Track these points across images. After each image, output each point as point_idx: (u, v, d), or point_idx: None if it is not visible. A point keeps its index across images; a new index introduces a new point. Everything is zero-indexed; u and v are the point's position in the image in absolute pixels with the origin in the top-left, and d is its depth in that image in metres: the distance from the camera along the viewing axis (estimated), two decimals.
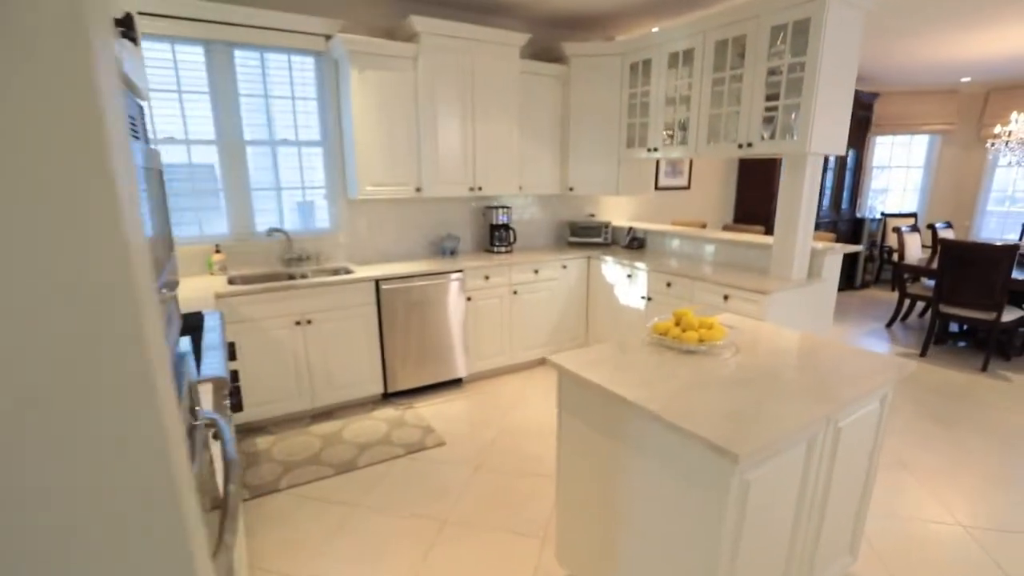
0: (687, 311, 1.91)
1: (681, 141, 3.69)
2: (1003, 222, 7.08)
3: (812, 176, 3.06)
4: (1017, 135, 4.87)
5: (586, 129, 4.24)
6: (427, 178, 3.72)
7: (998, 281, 4.13)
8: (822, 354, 1.80)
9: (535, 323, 4.15)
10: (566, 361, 1.76)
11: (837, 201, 6.66)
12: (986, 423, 3.36)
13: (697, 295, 3.40)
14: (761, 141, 3.12)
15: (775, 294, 2.99)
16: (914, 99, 6.99)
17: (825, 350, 1.84)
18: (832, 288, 3.41)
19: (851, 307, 6.27)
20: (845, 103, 3.01)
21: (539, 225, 4.73)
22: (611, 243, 4.70)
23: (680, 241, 4.21)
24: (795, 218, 3.10)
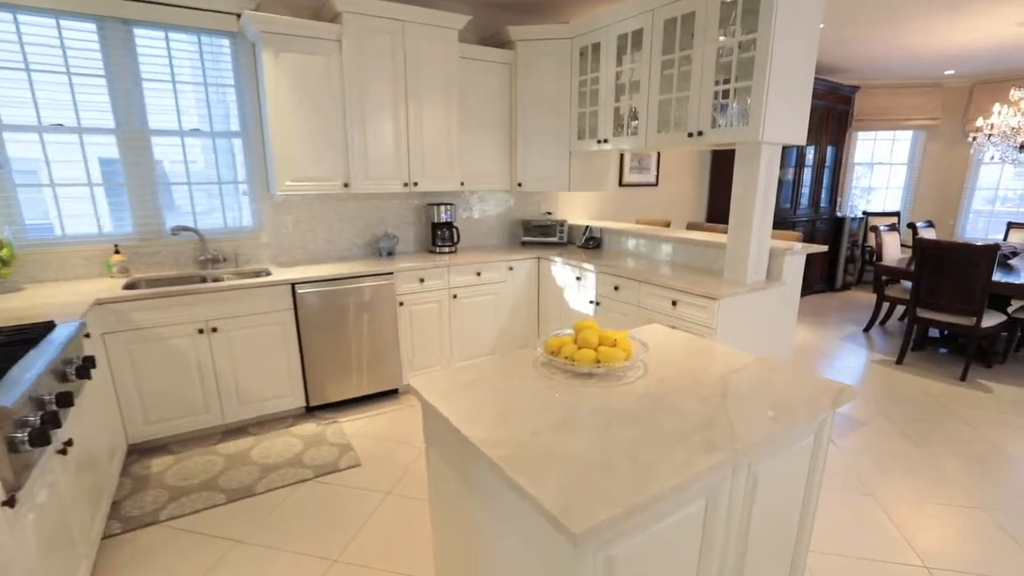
0: (589, 324, 1.60)
1: (632, 131, 3.38)
2: (989, 222, 6.80)
3: (768, 168, 2.76)
4: (1000, 128, 4.59)
5: (535, 120, 3.93)
6: (356, 173, 3.40)
7: (977, 284, 3.83)
8: (747, 378, 1.49)
9: (479, 329, 3.84)
10: (428, 385, 1.44)
11: (816, 199, 6.37)
12: (962, 441, 3.07)
13: (644, 299, 3.10)
14: (712, 129, 2.82)
15: (727, 299, 2.69)
16: (896, 93, 6.71)
17: (752, 372, 1.53)
18: (794, 292, 3.11)
19: (831, 309, 5.98)
20: (804, 88, 2.71)
21: (490, 224, 4.42)
22: (567, 243, 4.40)
23: (637, 241, 3.90)
24: (749, 216, 2.80)
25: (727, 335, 2.78)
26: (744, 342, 2.89)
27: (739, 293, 2.73)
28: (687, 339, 1.84)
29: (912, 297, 4.21)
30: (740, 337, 2.85)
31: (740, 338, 2.85)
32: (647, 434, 1.16)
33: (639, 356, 1.58)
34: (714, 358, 1.64)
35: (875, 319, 5.16)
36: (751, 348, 2.95)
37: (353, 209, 3.82)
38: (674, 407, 1.30)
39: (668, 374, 1.52)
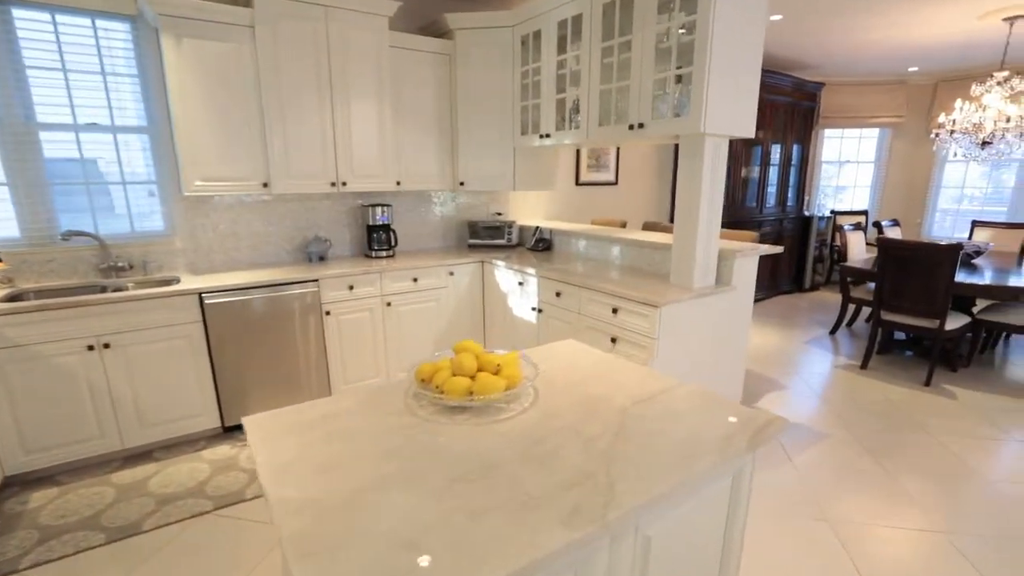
0: (468, 346, 1.35)
1: (573, 125, 3.14)
2: (956, 221, 6.72)
3: (713, 163, 2.54)
4: (962, 125, 4.46)
5: (477, 115, 3.67)
6: (276, 172, 3.11)
7: (940, 285, 3.67)
8: (654, 411, 1.25)
9: (418, 338, 3.57)
10: (266, 423, 1.18)
11: (783, 198, 6.22)
12: (925, 455, 2.88)
13: (586, 307, 2.86)
14: (654, 121, 2.59)
15: (669, 306, 2.46)
16: (862, 90, 6.60)
17: (662, 403, 1.29)
18: (747, 296, 2.89)
19: (799, 311, 5.82)
20: (750, 77, 2.49)
21: (435, 226, 4.15)
22: (516, 245, 4.15)
23: (587, 242, 3.67)
24: (694, 215, 2.57)
25: (671, 345, 2.55)
26: (691, 352, 2.67)
27: (683, 299, 2.50)
28: (599, 360, 1.59)
29: (876, 299, 4.04)
30: (686, 347, 2.63)
31: (686, 348, 2.63)
32: (498, 495, 0.91)
33: (528, 384, 1.33)
34: (623, 384, 1.40)
35: (841, 321, 5.00)
36: (698, 358, 2.72)
37: (281, 211, 3.52)
38: (549, 454, 1.04)
39: (561, 405, 1.27)
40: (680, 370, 2.65)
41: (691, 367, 2.70)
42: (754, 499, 2.46)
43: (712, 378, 2.85)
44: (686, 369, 2.68)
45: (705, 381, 2.81)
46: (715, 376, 2.86)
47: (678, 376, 2.65)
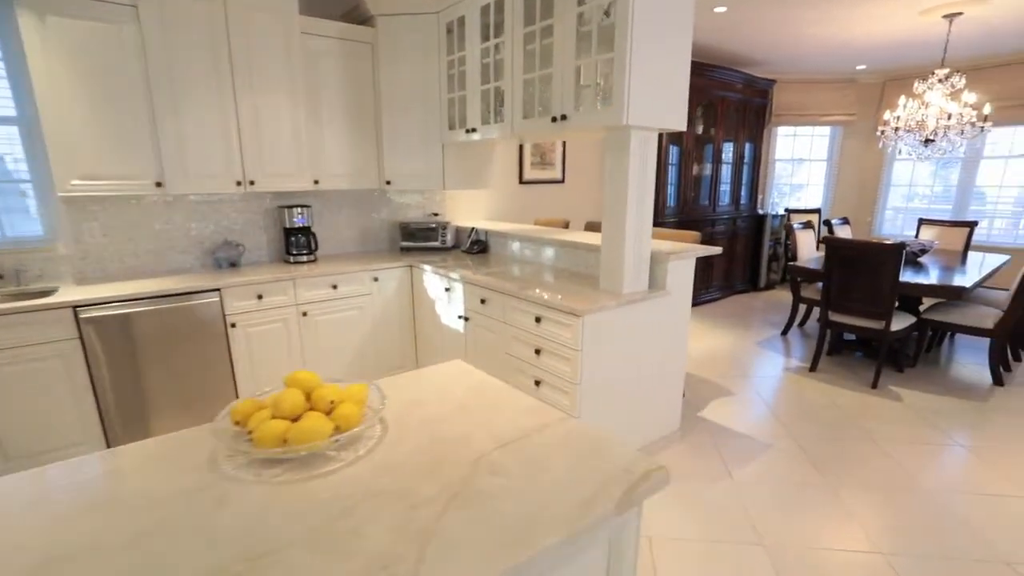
0: (303, 377, 1.10)
1: (499, 118, 2.91)
2: (905, 219, 6.74)
3: (642, 159, 2.34)
4: (906, 122, 4.40)
5: (403, 109, 3.41)
6: (171, 170, 2.80)
7: (885, 285, 3.57)
8: (513, 459, 1.01)
9: (340, 350, 3.29)
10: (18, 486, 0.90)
11: (737, 196, 6.12)
12: (869, 465, 2.74)
13: (510, 315, 2.63)
14: (576, 112, 2.37)
15: (593, 315, 2.24)
16: (813, 88, 6.56)
17: (528, 448, 1.06)
18: (683, 301, 2.71)
19: (753, 310, 5.73)
20: (679, 65, 2.30)
21: (365, 228, 3.87)
22: (452, 247, 3.90)
23: (521, 244, 3.44)
24: (622, 215, 2.37)
25: (598, 357, 2.34)
26: (620, 363, 2.46)
27: (609, 307, 2.29)
28: (479, 387, 1.35)
29: (823, 299, 3.93)
30: (615, 358, 2.42)
31: (615, 359, 2.42)
32: None
33: (371, 425, 1.09)
34: (492, 421, 1.16)
35: (792, 322, 4.91)
36: (629, 369, 2.52)
37: (185, 213, 3.20)
38: (352, 531, 0.80)
39: (404, 453, 1.03)
40: (609, 383, 2.44)
41: (621, 379, 2.50)
42: (688, 521, 2.28)
43: (647, 390, 2.66)
44: (615, 382, 2.47)
45: (639, 393, 2.62)
46: (650, 388, 2.67)
47: (608, 390, 2.44)
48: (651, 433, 2.77)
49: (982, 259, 4.60)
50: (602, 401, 2.43)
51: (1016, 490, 2.52)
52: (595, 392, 2.39)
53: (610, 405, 2.48)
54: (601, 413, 2.45)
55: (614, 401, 2.50)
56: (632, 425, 2.64)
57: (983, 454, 2.83)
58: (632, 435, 2.66)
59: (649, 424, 2.74)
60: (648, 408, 2.70)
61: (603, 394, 2.43)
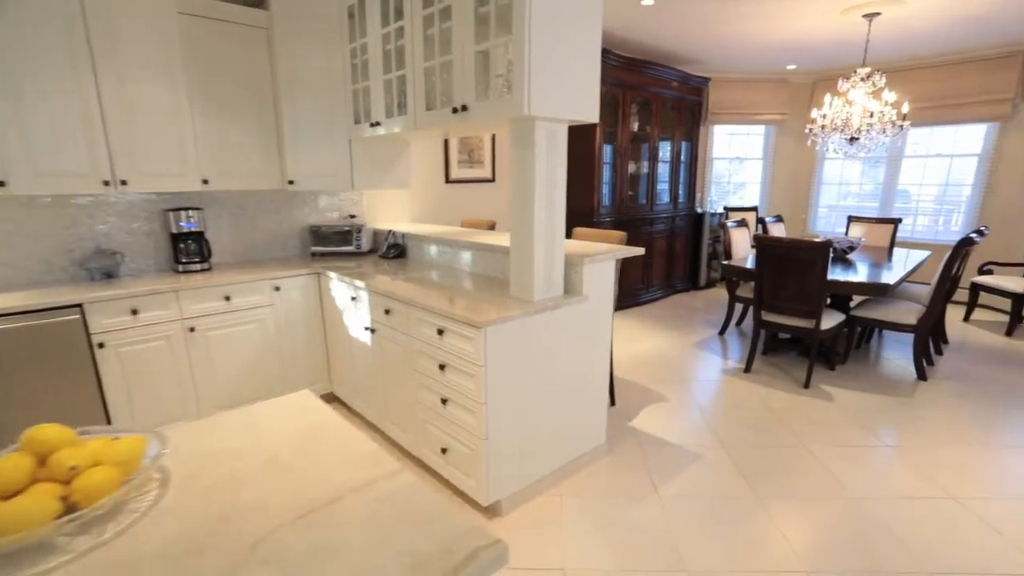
0: (49, 432, 0.83)
1: (402, 110, 2.66)
2: (838, 216, 6.88)
3: (550, 153, 2.14)
4: (832, 120, 4.41)
5: (304, 101, 3.11)
6: (14, 166, 2.40)
7: (814, 283, 3.52)
8: (314, 530, 0.77)
9: (239, 368, 2.95)
10: None
11: (675, 195, 6.07)
12: (798, 474, 2.64)
13: (415, 327, 2.39)
14: (478, 102, 2.15)
15: (495, 327, 2.02)
16: (747, 87, 6.60)
17: (341, 511, 0.82)
18: (603, 306, 2.53)
19: (693, 310, 5.67)
20: (587, 49, 2.11)
21: (270, 233, 3.53)
22: (368, 252, 3.62)
23: (438, 247, 3.20)
24: (529, 216, 2.16)
25: (504, 372, 2.12)
26: (532, 378, 2.25)
27: (514, 317, 2.08)
28: (308, 430, 1.09)
29: (756, 299, 3.86)
30: (526, 372, 2.21)
31: (526, 373, 2.21)
32: None
33: (134, 492, 0.83)
34: (301, 481, 0.91)
35: (729, 321, 4.86)
36: (543, 384, 2.32)
37: (46, 218, 2.79)
38: None
39: (170, 533, 0.77)
40: (521, 399, 2.23)
41: (537, 394, 2.29)
42: (607, 549, 2.09)
43: (568, 403, 2.46)
44: (530, 397, 2.27)
45: (559, 407, 2.42)
46: (571, 401, 2.48)
47: (520, 407, 2.23)
48: (574, 449, 2.58)
49: (906, 255, 4.67)
50: (514, 419, 2.22)
51: (937, 491, 2.46)
52: (505, 410, 2.17)
53: (524, 423, 2.27)
54: (514, 433, 2.23)
55: (529, 418, 2.29)
56: (552, 443, 2.44)
57: (908, 454, 2.78)
58: (553, 454, 2.46)
59: (572, 440, 2.55)
60: (570, 423, 2.51)
61: (515, 411, 2.21)
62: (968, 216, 5.88)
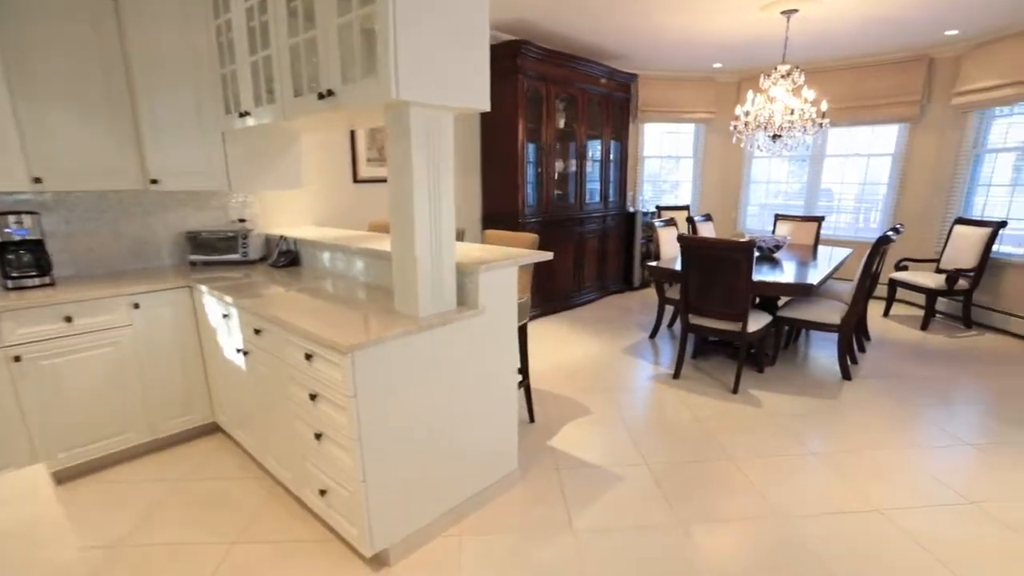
0: None
1: (271, 97, 2.29)
2: (770, 215, 6.92)
3: (431, 145, 1.84)
4: (755, 117, 4.35)
5: (167, 87, 2.68)
6: None
7: (740, 285, 3.39)
8: None
9: (87, 404, 2.49)
10: None
11: (606, 194, 5.91)
12: (724, 493, 2.46)
13: (284, 350, 2.04)
14: (344, 86, 1.83)
15: (365, 351, 1.71)
16: (676, 85, 6.55)
17: None
18: (505, 319, 2.25)
19: (627, 312, 5.52)
20: (472, 25, 1.82)
21: (138, 240, 3.06)
22: (259, 260, 3.21)
23: (331, 254, 2.85)
24: (409, 218, 1.85)
25: (380, 403, 1.81)
26: (421, 405, 1.95)
27: (390, 338, 1.77)
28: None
29: (682, 301, 3.71)
30: (411, 399, 1.90)
31: (412, 401, 1.91)
32: None
33: None
34: None
35: (659, 324, 4.72)
36: (437, 411, 2.02)
37: None
38: None
39: None
40: (409, 431, 1.92)
41: (429, 423, 1.99)
42: None
43: (469, 429, 2.17)
44: (420, 428, 1.96)
45: (459, 435, 2.13)
46: (474, 426, 2.19)
47: (409, 440, 1.92)
48: (479, 481, 2.29)
49: (830, 253, 4.68)
50: (401, 454, 1.91)
51: (863, 503, 2.34)
52: (388, 445, 1.85)
53: (414, 458, 1.96)
54: (400, 470, 1.92)
55: (420, 451, 1.98)
56: (451, 476, 2.14)
57: (834, 463, 2.66)
58: (453, 488, 2.16)
59: (476, 471, 2.26)
60: (472, 452, 2.22)
61: (402, 445, 1.90)
62: (884, 214, 6.03)
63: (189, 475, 2.59)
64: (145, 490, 2.47)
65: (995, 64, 4.79)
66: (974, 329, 4.93)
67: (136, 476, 2.59)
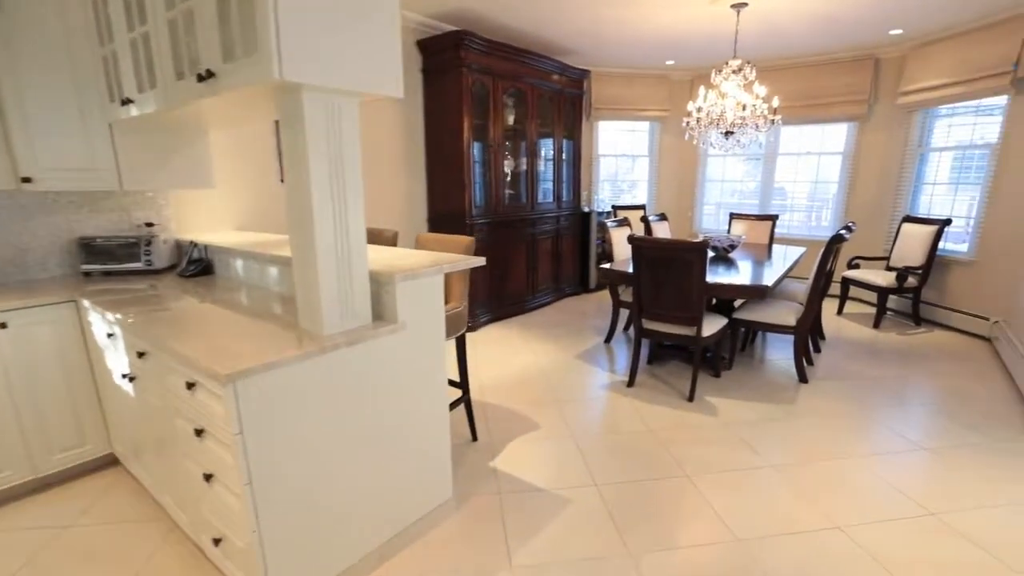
0: None
1: (152, 81, 1.98)
2: (726, 214, 6.88)
3: (332, 137, 1.58)
4: (708, 112, 4.23)
5: (33, 68, 2.31)
6: None
7: (693, 287, 3.24)
8: None
9: None
10: None
11: (559, 193, 5.72)
12: (679, 515, 2.28)
13: (167, 377, 1.74)
14: (226, 65, 1.55)
15: (249, 379, 1.43)
16: (630, 82, 6.43)
17: None
18: (430, 334, 2.01)
19: (582, 315, 5.34)
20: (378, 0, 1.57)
21: (13, 248, 2.66)
22: (166, 268, 2.87)
23: (244, 262, 2.54)
24: (307, 220, 1.59)
25: (281, 437, 1.54)
26: (326, 440, 1.68)
27: (284, 363, 1.50)
28: None
29: (635, 305, 3.53)
30: (313, 434, 1.63)
31: (313, 436, 1.64)
32: None
33: None
34: None
35: (614, 328, 4.55)
36: (351, 442, 1.75)
37: None
38: None
39: None
40: (318, 469, 1.65)
41: (334, 460, 1.72)
42: None
43: (392, 459, 1.92)
44: (332, 464, 1.69)
45: (381, 466, 1.87)
46: (393, 457, 1.93)
47: (318, 479, 1.65)
48: (409, 513, 2.04)
49: (785, 252, 4.61)
50: (307, 498, 1.64)
51: (823, 520, 2.19)
52: (290, 488, 1.58)
53: (325, 500, 1.69)
54: (305, 514, 1.65)
55: (332, 492, 1.71)
56: (370, 515, 1.88)
57: (794, 476, 2.52)
58: (373, 529, 1.90)
59: (401, 505, 2.00)
60: (396, 484, 1.96)
61: (307, 487, 1.63)
62: (836, 212, 6.05)
63: (76, 519, 2.24)
64: (21, 540, 2.12)
65: (937, 64, 4.82)
66: (923, 326, 4.96)
67: (13, 523, 2.23)
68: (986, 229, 4.57)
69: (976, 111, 4.75)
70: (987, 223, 4.56)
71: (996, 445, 2.79)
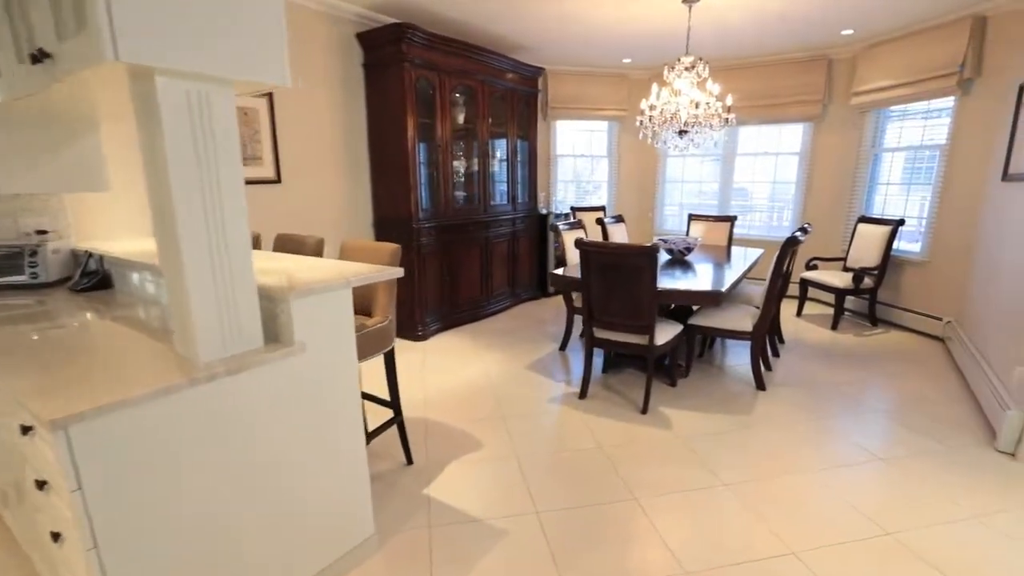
0: None
1: None
2: (684, 215, 6.80)
3: (196, 129, 1.34)
4: (662, 111, 4.10)
5: None
6: None
7: (644, 294, 3.08)
8: None
9: None
10: None
11: (514, 195, 5.52)
12: (625, 546, 2.10)
13: (6, 419, 1.46)
14: (62, 44, 1.29)
15: (88, 423, 1.18)
16: (586, 81, 6.28)
17: None
18: (338, 356, 1.77)
19: (540, 321, 5.15)
20: None
21: None
22: (57, 282, 2.55)
23: (139, 275, 2.26)
24: (171, 228, 1.34)
25: (135, 491, 1.28)
26: (210, 486, 1.43)
27: (130, 404, 1.24)
28: None
29: (585, 313, 3.36)
30: (166, 488, 1.38)
31: (167, 490, 1.39)
32: None
33: None
34: None
35: (568, 336, 4.38)
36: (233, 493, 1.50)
37: None
38: None
39: None
40: (187, 528, 1.40)
41: (220, 515, 1.47)
42: None
43: (293, 503, 1.68)
44: (208, 523, 1.44)
45: (276, 513, 1.62)
46: (300, 498, 1.69)
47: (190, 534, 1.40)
48: (322, 556, 1.80)
49: (744, 253, 4.52)
50: (185, 558, 1.38)
51: (778, 545, 2.05)
52: (156, 553, 1.33)
53: (209, 558, 1.44)
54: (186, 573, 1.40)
55: (218, 546, 1.46)
56: (277, 563, 1.63)
57: (748, 496, 2.37)
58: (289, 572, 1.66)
59: (315, 546, 1.77)
60: (307, 524, 1.72)
61: (184, 547, 1.38)
62: (794, 212, 6.03)
63: None
64: None
65: (887, 65, 4.81)
66: (880, 327, 4.94)
67: None
68: (937, 229, 4.57)
69: (926, 114, 4.76)
70: (938, 223, 4.56)
71: (952, 454, 2.70)
